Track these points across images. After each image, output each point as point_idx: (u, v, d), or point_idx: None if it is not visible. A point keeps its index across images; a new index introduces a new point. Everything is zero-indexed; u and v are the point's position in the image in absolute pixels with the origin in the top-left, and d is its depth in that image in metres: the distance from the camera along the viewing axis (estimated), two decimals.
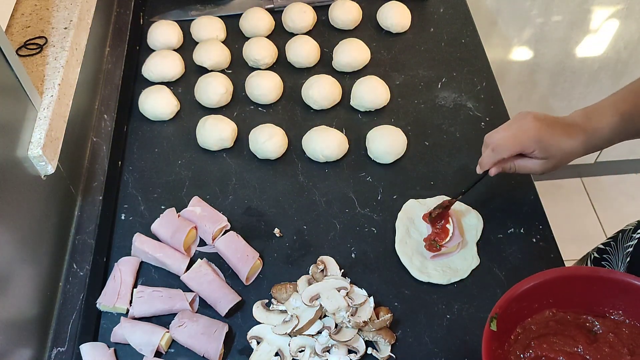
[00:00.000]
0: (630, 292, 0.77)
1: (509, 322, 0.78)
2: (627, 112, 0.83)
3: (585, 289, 0.79)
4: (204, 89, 1.11)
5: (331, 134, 1.04)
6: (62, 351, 0.81)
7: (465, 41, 1.23)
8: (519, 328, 0.79)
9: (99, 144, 1.01)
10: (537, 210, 0.99)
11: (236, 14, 1.27)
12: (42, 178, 0.82)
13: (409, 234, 0.94)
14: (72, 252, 0.90)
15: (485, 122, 1.09)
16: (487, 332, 0.74)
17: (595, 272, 0.80)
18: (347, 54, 1.16)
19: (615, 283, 0.78)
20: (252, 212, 0.99)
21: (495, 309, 0.75)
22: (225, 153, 1.06)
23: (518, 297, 0.77)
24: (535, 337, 0.77)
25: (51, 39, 0.89)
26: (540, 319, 0.79)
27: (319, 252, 0.93)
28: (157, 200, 1.00)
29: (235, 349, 0.85)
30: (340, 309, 0.83)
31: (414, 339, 0.85)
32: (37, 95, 0.81)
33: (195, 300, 0.88)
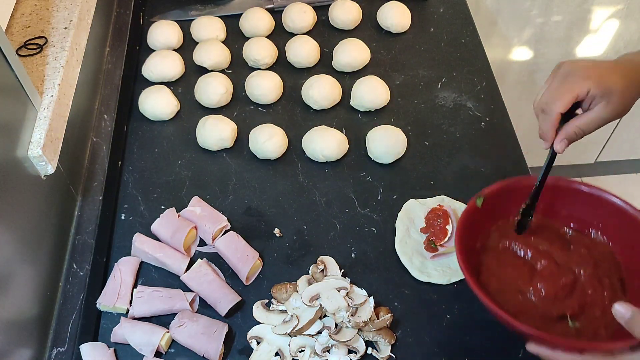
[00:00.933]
0: (617, 216, 0.79)
1: (494, 213, 0.80)
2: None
3: (575, 204, 0.81)
4: (204, 89, 1.11)
5: (331, 134, 1.04)
6: (62, 351, 0.81)
7: (465, 41, 1.23)
8: (501, 221, 0.81)
9: (99, 144, 1.01)
10: None
11: (236, 14, 1.27)
12: (42, 178, 0.82)
13: (409, 234, 0.94)
14: (72, 252, 0.90)
15: (485, 122, 1.09)
16: (471, 205, 0.77)
17: (590, 189, 0.81)
18: (347, 54, 1.16)
19: (603, 202, 0.80)
20: (252, 212, 0.99)
21: (484, 190, 0.78)
22: (225, 153, 1.06)
23: (508, 189, 0.80)
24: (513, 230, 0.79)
25: (51, 39, 0.89)
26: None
27: (319, 252, 0.93)
28: (157, 200, 1.00)
29: (235, 349, 0.85)
30: (340, 309, 0.83)
31: (414, 339, 0.85)
32: (37, 95, 0.81)
33: (195, 300, 0.88)
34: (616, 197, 0.80)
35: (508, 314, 0.70)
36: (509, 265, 0.80)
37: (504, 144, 1.07)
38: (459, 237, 0.77)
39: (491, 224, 0.83)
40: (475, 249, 0.81)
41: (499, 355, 0.84)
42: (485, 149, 1.06)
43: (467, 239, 0.77)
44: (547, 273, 0.79)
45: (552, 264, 0.79)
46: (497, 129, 1.09)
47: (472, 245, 0.80)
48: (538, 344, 0.70)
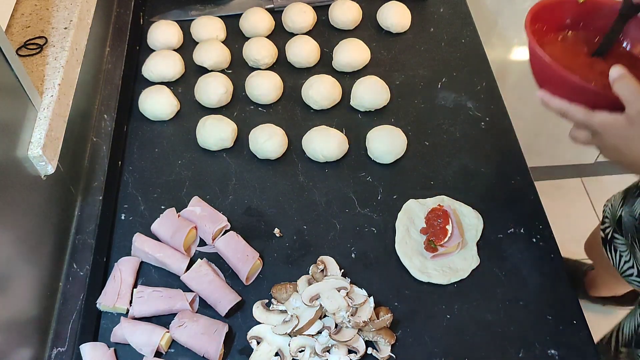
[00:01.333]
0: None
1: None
2: None
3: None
4: (204, 89, 1.11)
5: (331, 134, 1.04)
6: (62, 351, 0.81)
7: (465, 41, 1.23)
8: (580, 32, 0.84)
9: (99, 144, 1.01)
10: (537, 210, 0.99)
11: (236, 14, 1.27)
12: (42, 178, 0.82)
13: (409, 234, 0.94)
14: (72, 252, 0.90)
15: (485, 122, 1.09)
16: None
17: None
18: (347, 54, 1.16)
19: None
20: (252, 212, 0.99)
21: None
22: (225, 153, 1.06)
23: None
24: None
25: (51, 39, 0.89)
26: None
27: (319, 252, 0.93)
28: (157, 200, 1.00)
29: (235, 349, 0.85)
30: (340, 309, 0.83)
31: (414, 339, 0.85)
32: (37, 95, 0.81)
33: (195, 300, 0.88)
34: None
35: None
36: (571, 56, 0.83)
37: (504, 144, 1.07)
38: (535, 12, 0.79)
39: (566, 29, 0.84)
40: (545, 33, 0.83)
41: (499, 355, 0.84)
42: (485, 149, 1.06)
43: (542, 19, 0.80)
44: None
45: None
46: (497, 129, 1.09)
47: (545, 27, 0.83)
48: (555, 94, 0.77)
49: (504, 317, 0.87)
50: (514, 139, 1.08)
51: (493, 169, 1.04)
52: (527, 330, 0.86)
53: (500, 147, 1.07)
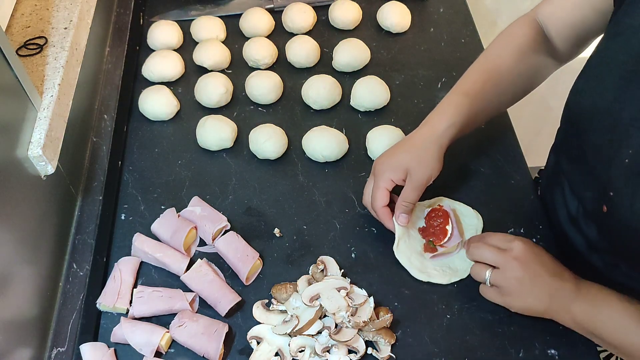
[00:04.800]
0: None
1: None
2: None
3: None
4: (204, 89, 1.11)
5: (331, 134, 1.04)
6: (62, 351, 0.81)
7: (465, 41, 1.23)
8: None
9: (99, 144, 1.01)
10: (537, 210, 0.99)
11: (236, 14, 1.27)
12: (42, 178, 0.82)
13: (408, 234, 0.94)
14: (72, 252, 0.90)
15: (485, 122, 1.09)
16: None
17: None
18: (347, 54, 1.16)
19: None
20: (252, 212, 0.99)
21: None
22: (225, 153, 1.06)
23: None
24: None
25: (51, 39, 0.89)
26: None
27: (319, 252, 0.93)
28: (157, 200, 1.00)
29: (235, 349, 0.85)
30: (340, 309, 0.83)
31: (414, 339, 0.85)
32: (37, 95, 0.81)
33: (195, 300, 0.88)
34: None
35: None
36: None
37: (504, 144, 1.07)
38: None
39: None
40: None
41: (499, 355, 0.84)
42: (485, 149, 1.06)
43: None
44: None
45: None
46: (497, 129, 1.09)
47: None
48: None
49: (504, 317, 0.87)
50: (514, 139, 1.08)
51: (493, 169, 1.04)
52: (527, 330, 0.86)
53: (500, 147, 1.07)
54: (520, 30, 0.94)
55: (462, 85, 0.93)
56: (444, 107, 0.91)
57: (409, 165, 0.88)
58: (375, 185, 0.90)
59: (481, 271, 0.83)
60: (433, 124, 0.90)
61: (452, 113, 0.89)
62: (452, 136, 0.89)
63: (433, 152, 0.88)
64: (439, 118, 0.90)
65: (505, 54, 0.93)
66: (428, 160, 0.88)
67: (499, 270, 0.81)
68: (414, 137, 0.91)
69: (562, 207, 0.94)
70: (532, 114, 1.90)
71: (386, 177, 0.88)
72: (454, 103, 0.90)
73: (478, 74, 0.93)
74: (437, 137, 0.88)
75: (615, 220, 0.77)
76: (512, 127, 1.10)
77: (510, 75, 0.93)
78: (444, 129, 0.89)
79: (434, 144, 0.88)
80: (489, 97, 0.93)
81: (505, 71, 0.93)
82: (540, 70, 0.96)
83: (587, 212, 0.87)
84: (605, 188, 0.77)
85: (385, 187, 0.89)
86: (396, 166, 0.88)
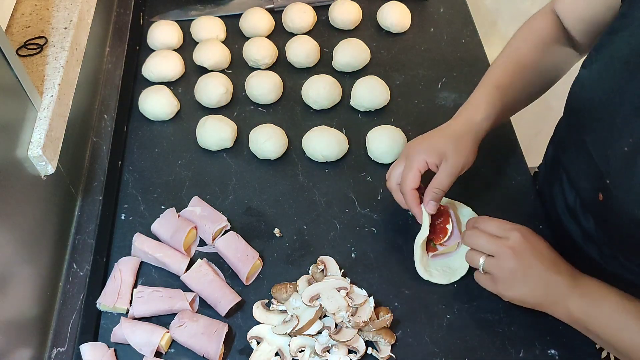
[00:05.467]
0: None
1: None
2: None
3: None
4: (204, 89, 1.11)
5: (331, 134, 1.04)
6: (62, 351, 0.81)
7: (465, 41, 1.23)
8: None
9: (99, 144, 1.01)
10: (536, 210, 0.99)
11: (236, 14, 1.27)
12: (42, 178, 0.82)
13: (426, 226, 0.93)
14: (72, 252, 0.90)
15: None
16: None
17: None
18: (347, 54, 1.16)
19: None
20: (252, 212, 0.99)
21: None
22: (225, 153, 1.06)
23: None
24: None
25: (51, 39, 0.89)
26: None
27: (319, 252, 0.93)
28: (157, 200, 1.00)
29: (235, 349, 0.85)
30: (340, 309, 0.83)
31: (414, 339, 0.85)
32: (37, 95, 0.81)
33: (195, 300, 0.88)
34: None
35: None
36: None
37: (504, 144, 1.07)
38: None
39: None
40: None
41: (499, 355, 0.84)
42: (485, 149, 1.06)
43: None
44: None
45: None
46: (497, 129, 1.08)
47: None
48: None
49: (504, 317, 0.87)
50: (514, 139, 1.08)
51: (493, 169, 1.04)
52: (527, 330, 0.86)
53: (500, 147, 1.07)
54: (541, 23, 0.95)
55: (492, 78, 0.92)
56: (478, 100, 0.90)
57: (445, 150, 0.86)
58: (408, 166, 0.87)
59: (475, 257, 0.82)
60: (469, 116, 0.89)
61: (485, 106, 0.89)
62: (487, 128, 0.89)
63: (470, 141, 0.87)
64: (474, 110, 0.89)
65: (528, 47, 0.94)
66: (465, 149, 0.86)
67: (493, 259, 0.80)
68: (450, 126, 0.89)
69: (560, 199, 0.94)
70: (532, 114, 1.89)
71: (421, 158, 0.86)
72: (486, 95, 0.90)
73: (506, 67, 0.93)
74: (473, 129, 0.88)
75: (610, 208, 0.78)
76: (512, 127, 1.10)
77: (535, 67, 0.93)
78: (480, 121, 0.88)
79: (471, 134, 0.87)
80: (518, 89, 0.92)
81: (530, 64, 0.93)
82: (563, 62, 0.96)
83: (584, 203, 0.87)
84: (602, 176, 0.77)
85: (418, 168, 0.86)
86: (433, 149, 0.86)
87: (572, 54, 0.96)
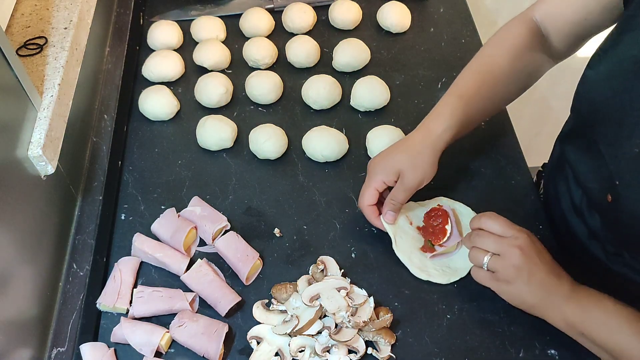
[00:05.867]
0: None
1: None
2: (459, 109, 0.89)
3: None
4: (204, 89, 1.11)
5: (331, 134, 1.04)
6: (62, 351, 0.81)
7: (465, 41, 1.23)
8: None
9: (99, 144, 1.01)
10: (537, 210, 0.99)
11: (236, 14, 1.27)
12: (42, 178, 0.82)
13: (404, 232, 0.94)
14: (72, 252, 0.90)
15: (485, 122, 1.09)
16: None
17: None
18: (347, 54, 1.16)
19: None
20: (252, 212, 0.99)
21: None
22: (225, 153, 1.06)
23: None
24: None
25: (51, 39, 0.89)
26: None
27: (319, 252, 0.93)
28: (157, 200, 1.00)
29: (235, 349, 0.85)
30: (340, 309, 0.83)
31: (414, 339, 0.85)
32: (37, 95, 0.81)
33: (195, 300, 0.88)
34: None
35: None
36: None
37: (504, 144, 1.07)
38: None
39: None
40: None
41: (499, 355, 0.84)
42: (485, 149, 1.06)
43: None
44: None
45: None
46: (497, 129, 1.09)
47: None
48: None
49: (504, 317, 0.87)
50: (514, 139, 1.08)
51: (493, 169, 1.04)
52: (527, 330, 0.86)
53: (500, 147, 1.07)
54: (515, 30, 0.94)
55: (458, 88, 0.92)
56: (440, 111, 0.91)
57: (402, 168, 0.88)
58: (367, 184, 0.91)
59: (480, 255, 0.83)
60: (429, 128, 0.90)
61: (448, 117, 0.89)
62: (448, 140, 0.90)
63: (428, 156, 0.88)
64: (435, 122, 0.90)
65: (500, 54, 0.93)
66: (422, 165, 0.88)
67: (499, 257, 0.81)
68: (409, 140, 0.91)
69: (566, 196, 0.94)
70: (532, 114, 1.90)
71: (378, 178, 0.89)
72: (449, 106, 0.90)
73: (473, 75, 0.93)
74: (433, 142, 0.89)
75: (620, 210, 0.77)
76: (512, 127, 1.10)
77: (505, 76, 0.93)
78: (440, 133, 0.89)
79: (429, 149, 0.88)
80: (484, 99, 0.93)
81: (500, 72, 0.92)
82: (536, 70, 0.96)
83: (591, 202, 0.87)
84: (612, 177, 0.77)
85: (375, 187, 0.90)
86: (389, 168, 0.89)
87: (546, 61, 0.95)
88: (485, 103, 0.93)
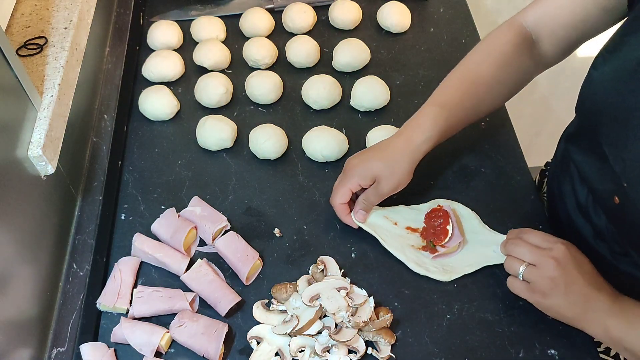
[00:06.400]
0: None
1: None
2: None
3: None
4: (204, 89, 1.11)
5: (331, 134, 1.04)
6: (62, 351, 0.81)
7: (465, 41, 1.23)
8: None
9: (99, 144, 1.01)
10: (537, 210, 0.99)
11: (236, 14, 1.27)
12: (42, 178, 0.82)
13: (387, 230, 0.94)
14: (72, 252, 0.90)
15: (485, 122, 1.09)
16: None
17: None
18: (347, 54, 1.16)
19: None
20: (252, 212, 0.99)
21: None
22: (225, 153, 1.07)
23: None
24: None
25: (51, 39, 0.89)
26: None
27: (319, 252, 0.93)
28: (157, 200, 1.00)
29: (235, 349, 0.85)
30: (340, 309, 0.83)
31: (414, 339, 0.85)
32: (37, 95, 0.81)
33: (195, 300, 0.88)
34: None
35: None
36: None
37: (504, 144, 1.07)
38: None
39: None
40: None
41: (499, 355, 0.84)
42: (485, 149, 1.06)
43: None
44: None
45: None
46: (497, 129, 1.09)
47: None
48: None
49: (504, 317, 0.87)
50: (514, 139, 1.08)
51: (493, 169, 1.04)
52: (527, 330, 0.86)
53: (500, 147, 1.07)
54: (503, 37, 0.93)
55: (440, 97, 0.92)
56: (420, 120, 0.90)
57: (379, 174, 0.88)
58: (342, 183, 0.91)
59: (515, 265, 0.82)
60: (408, 137, 0.89)
61: (428, 126, 0.89)
62: (426, 150, 0.89)
63: (405, 165, 0.88)
64: (415, 131, 0.89)
65: (487, 63, 0.92)
66: (399, 173, 0.88)
67: (535, 267, 0.80)
68: (389, 146, 0.90)
69: (571, 195, 0.94)
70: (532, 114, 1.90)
71: (354, 181, 0.90)
72: (430, 115, 0.89)
73: (456, 84, 0.92)
74: (412, 151, 0.88)
75: (627, 212, 0.77)
76: (512, 127, 1.10)
77: (490, 84, 0.92)
78: (419, 143, 0.88)
79: (407, 157, 0.88)
80: (466, 109, 0.92)
81: (485, 81, 0.92)
82: (523, 77, 0.95)
83: (597, 202, 0.87)
84: (619, 179, 0.76)
85: (350, 188, 0.90)
86: (368, 173, 0.89)
87: (534, 67, 0.95)
88: (467, 113, 0.93)
